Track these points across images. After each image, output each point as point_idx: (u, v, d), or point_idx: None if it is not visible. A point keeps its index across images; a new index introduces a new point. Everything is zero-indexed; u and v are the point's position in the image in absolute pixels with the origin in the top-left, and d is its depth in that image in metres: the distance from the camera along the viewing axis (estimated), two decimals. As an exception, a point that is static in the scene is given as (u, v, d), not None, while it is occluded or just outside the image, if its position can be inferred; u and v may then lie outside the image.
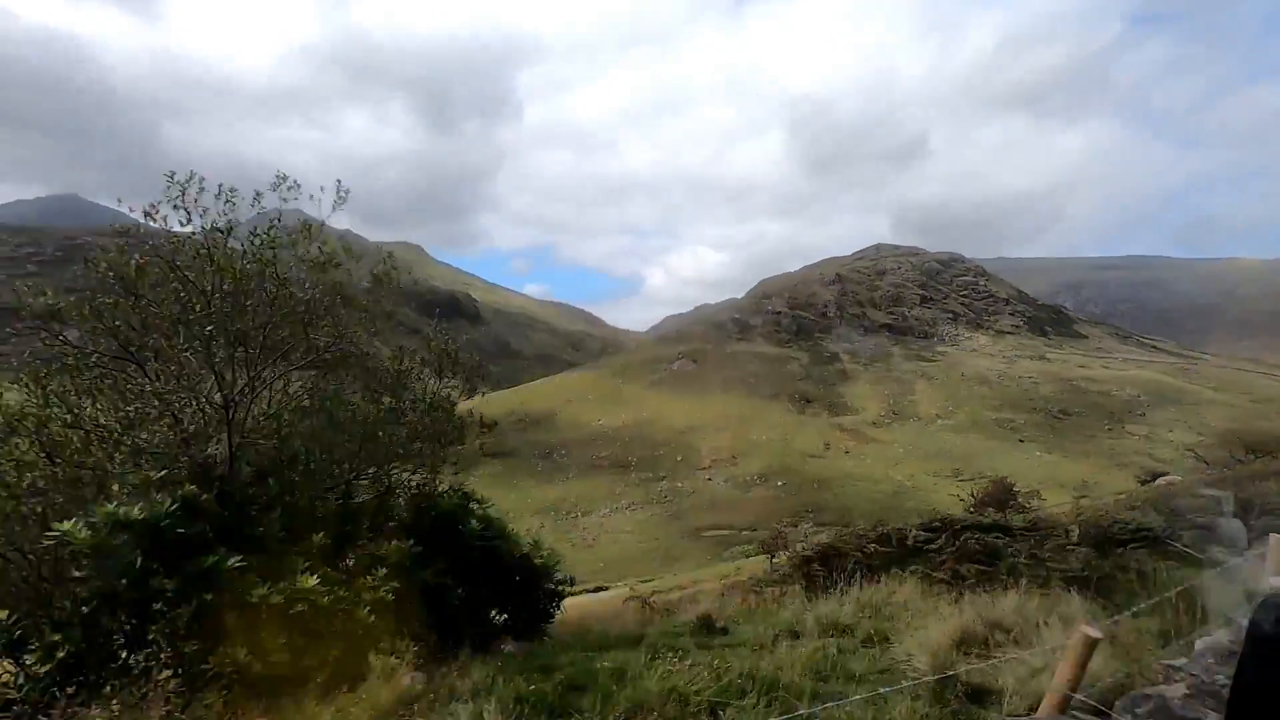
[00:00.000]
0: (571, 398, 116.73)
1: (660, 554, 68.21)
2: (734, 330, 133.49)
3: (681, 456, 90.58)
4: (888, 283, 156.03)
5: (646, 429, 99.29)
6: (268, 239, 8.43)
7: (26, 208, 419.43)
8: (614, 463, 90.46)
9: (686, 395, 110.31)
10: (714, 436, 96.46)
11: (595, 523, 76.13)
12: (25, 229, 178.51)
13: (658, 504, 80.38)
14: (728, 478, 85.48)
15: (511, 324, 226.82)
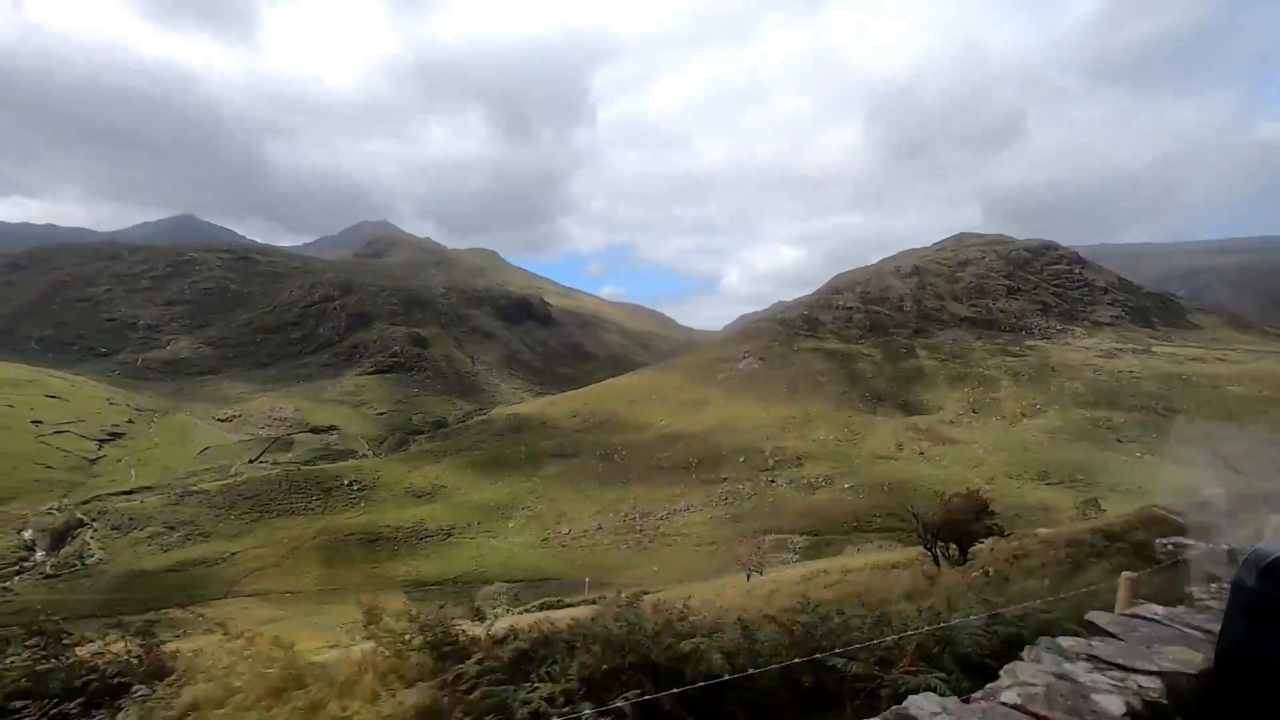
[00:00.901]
0: (636, 399, 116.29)
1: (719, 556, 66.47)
2: (802, 327, 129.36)
3: (744, 458, 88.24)
4: (970, 274, 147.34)
5: (710, 430, 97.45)
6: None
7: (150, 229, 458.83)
8: (676, 464, 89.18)
9: (751, 395, 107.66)
10: (779, 437, 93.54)
11: (653, 525, 75.07)
12: (140, 247, 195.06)
13: (718, 506, 78.52)
14: (791, 480, 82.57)
15: (583, 326, 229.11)
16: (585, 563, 67.85)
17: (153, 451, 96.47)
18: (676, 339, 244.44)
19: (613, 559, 68.09)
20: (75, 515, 72.37)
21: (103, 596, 57.63)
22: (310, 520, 76.58)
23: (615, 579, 61.56)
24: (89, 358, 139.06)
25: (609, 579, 62.15)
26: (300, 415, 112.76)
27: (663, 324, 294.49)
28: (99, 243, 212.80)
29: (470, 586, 63.55)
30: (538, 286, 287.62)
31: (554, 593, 58.62)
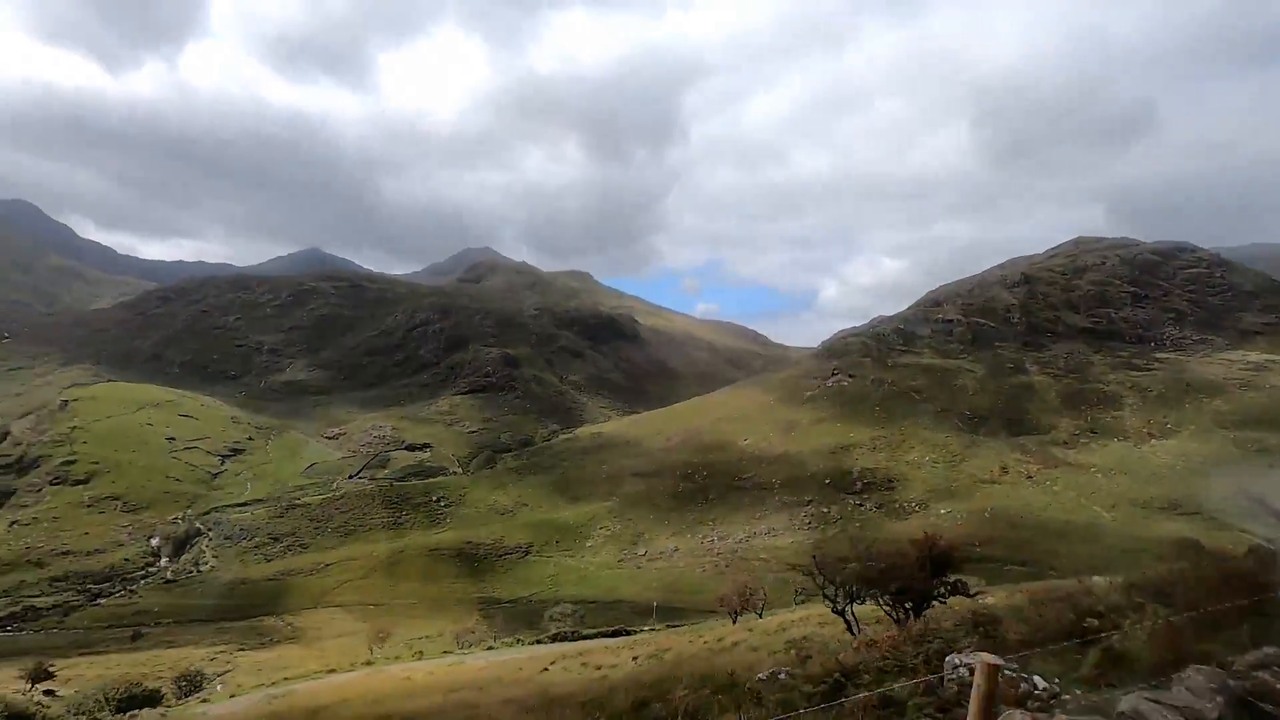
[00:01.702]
0: (720, 417, 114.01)
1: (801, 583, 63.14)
2: (896, 343, 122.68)
3: (830, 480, 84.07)
4: (1089, 281, 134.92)
5: (794, 450, 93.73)
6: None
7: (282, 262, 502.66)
8: (758, 485, 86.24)
9: (840, 414, 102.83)
10: (868, 457, 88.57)
11: (730, 548, 72.61)
12: (268, 279, 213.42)
13: (801, 530, 75.04)
14: (881, 504, 77.72)
15: (671, 344, 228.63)
16: (660, 585, 66.44)
17: (266, 467, 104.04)
18: (768, 356, 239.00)
19: (688, 582, 66.27)
20: (195, 525, 78.88)
21: (210, 603, 62.08)
22: (399, 535, 79.69)
23: (688, 603, 59.78)
24: (221, 380, 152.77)
25: (682, 603, 60.47)
26: (397, 433, 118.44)
27: (754, 341, 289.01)
28: (233, 276, 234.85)
29: (544, 605, 63.66)
30: (628, 306, 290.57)
31: (624, 616, 57.58)
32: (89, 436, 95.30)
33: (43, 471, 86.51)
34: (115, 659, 42.38)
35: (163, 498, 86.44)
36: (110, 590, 65.49)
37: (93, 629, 56.94)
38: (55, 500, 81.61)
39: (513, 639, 37.52)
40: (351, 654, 27.80)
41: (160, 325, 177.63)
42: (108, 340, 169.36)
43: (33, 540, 72.96)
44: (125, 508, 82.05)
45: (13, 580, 65.62)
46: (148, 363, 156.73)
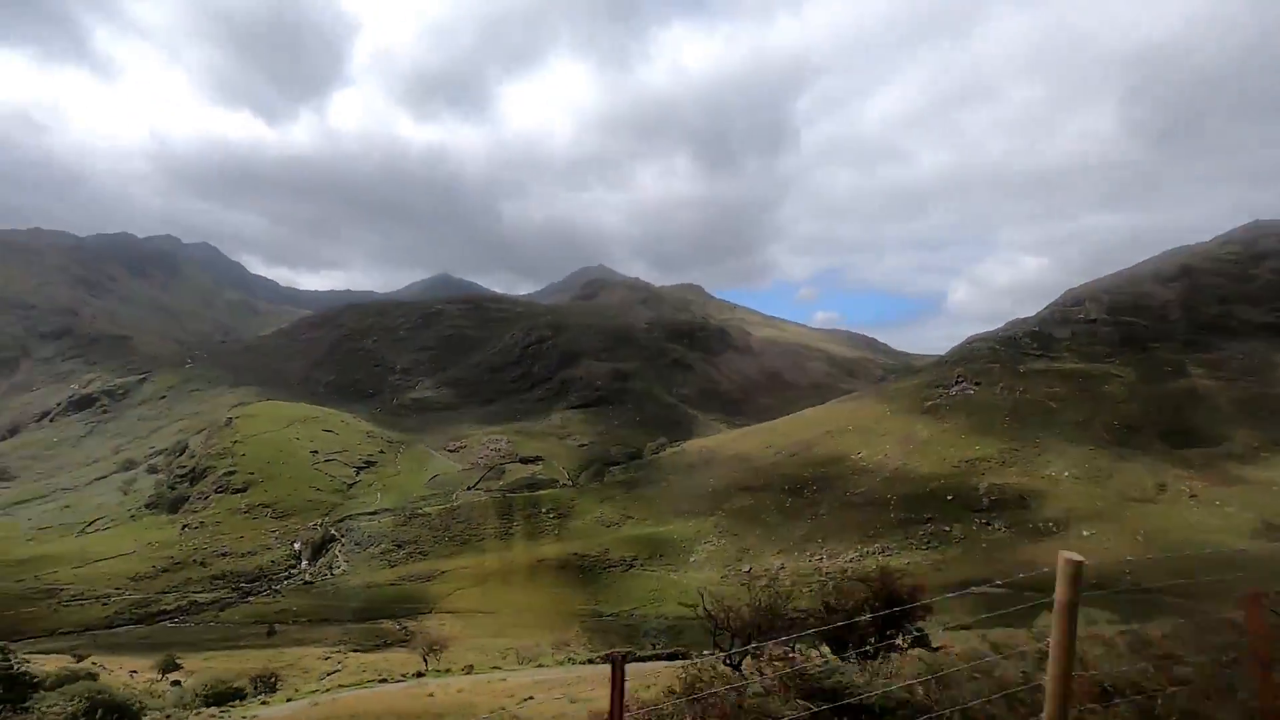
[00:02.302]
0: (833, 429, 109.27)
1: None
2: (1030, 346, 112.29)
3: (953, 496, 77.87)
4: (1269, 270, 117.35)
5: (913, 463, 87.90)
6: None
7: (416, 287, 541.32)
8: (871, 500, 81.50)
9: (964, 424, 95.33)
10: (997, 472, 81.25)
11: (840, 568, 68.81)
12: (401, 304, 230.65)
13: (919, 550, 69.93)
14: (1012, 523, 70.88)
15: (785, 355, 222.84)
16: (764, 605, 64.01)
17: (395, 478, 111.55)
18: (889, 365, 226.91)
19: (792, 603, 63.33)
20: (330, 531, 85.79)
21: (338, 605, 67.03)
22: (509, 545, 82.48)
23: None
24: (360, 398, 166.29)
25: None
26: (512, 446, 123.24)
27: (874, 349, 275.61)
28: (371, 303, 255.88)
29: (645, 620, 63.35)
30: (740, 318, 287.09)
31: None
32: (247, 450, 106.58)
33: (209, 481, 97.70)
34: (248, 654, 46.67)
35: (305, 505, 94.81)
36: (258, 590, 72.48)
37: (242, 624, 63.13)
38: (218, 507, 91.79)
39: (586, 654, 37.35)
40: (408, 664, 28.81)
41: (310, 349, 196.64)
42: (268, 363, 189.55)
43: (199, 542, 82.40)
44: (274, 514, 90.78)
45: (182, 577, 74.28)
46: (300, 383, 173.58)
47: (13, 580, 73.57)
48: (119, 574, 74.28)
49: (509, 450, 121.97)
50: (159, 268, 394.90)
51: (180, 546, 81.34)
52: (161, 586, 71.93)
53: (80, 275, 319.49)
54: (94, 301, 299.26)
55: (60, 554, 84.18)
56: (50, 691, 16.22)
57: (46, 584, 72.41)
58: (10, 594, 69.30)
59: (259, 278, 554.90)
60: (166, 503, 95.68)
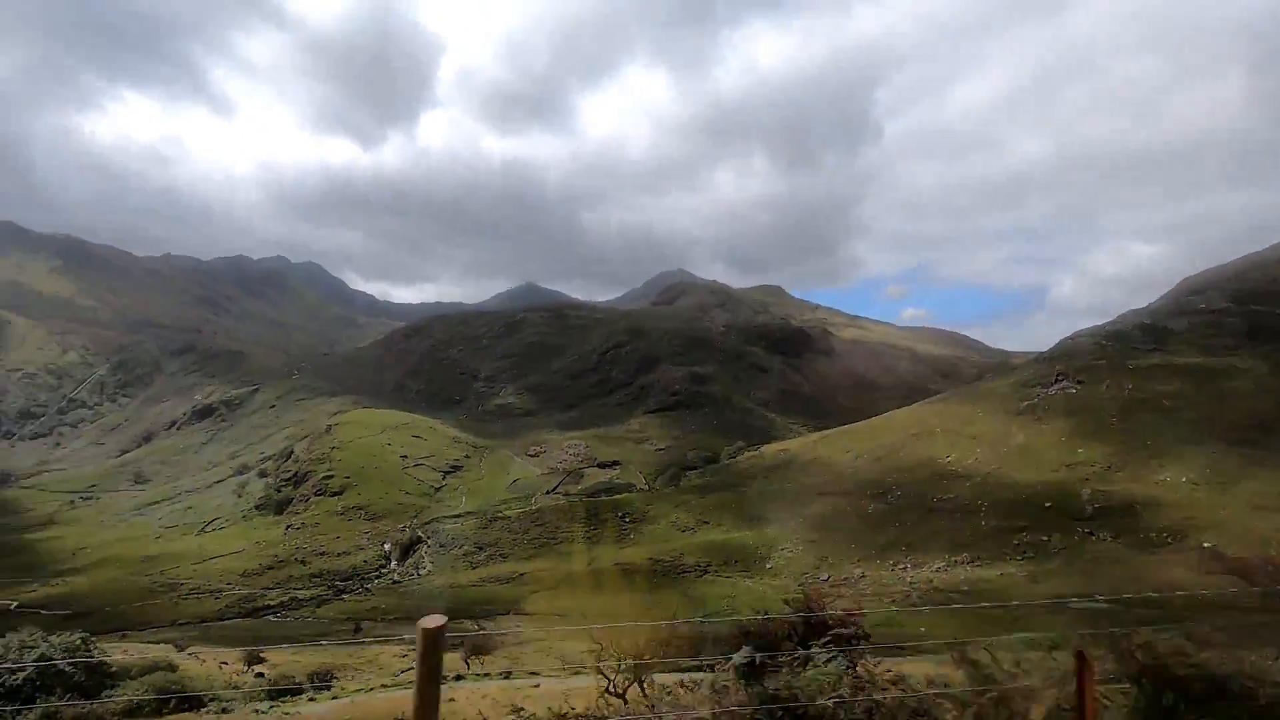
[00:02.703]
0: (918, 432, 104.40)
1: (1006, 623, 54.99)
2: (1141, 340, 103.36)
3: (1051, 503, 72.55)
4: None
5: (1005, 467, 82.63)
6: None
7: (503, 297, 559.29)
8: (959, 507, 77.15)
9: (1065, 425, 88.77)
10: (1103, 477, 75.11)
11: (925, 578, 65.48)
12: (485, 314, 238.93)
13: (1012, 562, 65.53)
14: (1119, 533, 65.25)
15: (869, 355, 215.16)
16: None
17: (479, 482, 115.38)
18: (983, 364, 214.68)
19: (873, 614, 60.79)
20: (417, 533, 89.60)
21: (422, 604, 69.75)
22: (586, 549, 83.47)
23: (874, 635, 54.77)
24: (448, 405, 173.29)
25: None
26: (590, 451, 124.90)
27: (967, 347, 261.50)
28: (458, 313, 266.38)
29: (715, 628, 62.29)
30: (821, 318, 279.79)
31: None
32: (343, 455, 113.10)
33: (309, 484, 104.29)
34: (331, 650, 49.33)
35: (395, 508, 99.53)
36: (351, 588, 76.57)
37: (335, 620, 66.80)
38: (318, 509, 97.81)
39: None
40: (452, 666, 29.55)
41: (402, 359, 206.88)
42: (364, 373, 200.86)
43: (300, 542, 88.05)
44: (366, 516, 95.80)
45: (284, 575, 79.53)
46: (393, 391, 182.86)
47: (141, 575, 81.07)
48: (230, 570, 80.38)
49: (587, 455, 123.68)
50: (270, 286, 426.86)
51: (284, 546, 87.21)
52: (267, 583, 77.27)
53: (203, 295, 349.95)
54: (215, 319, 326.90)
55: (182, 551, 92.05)
56: (132, 680, 17.60)
57: (169, 579, 79.27)
58: (139, 587, 76.35)
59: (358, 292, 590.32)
60: (273, 504, 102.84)
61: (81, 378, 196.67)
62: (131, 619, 65.97)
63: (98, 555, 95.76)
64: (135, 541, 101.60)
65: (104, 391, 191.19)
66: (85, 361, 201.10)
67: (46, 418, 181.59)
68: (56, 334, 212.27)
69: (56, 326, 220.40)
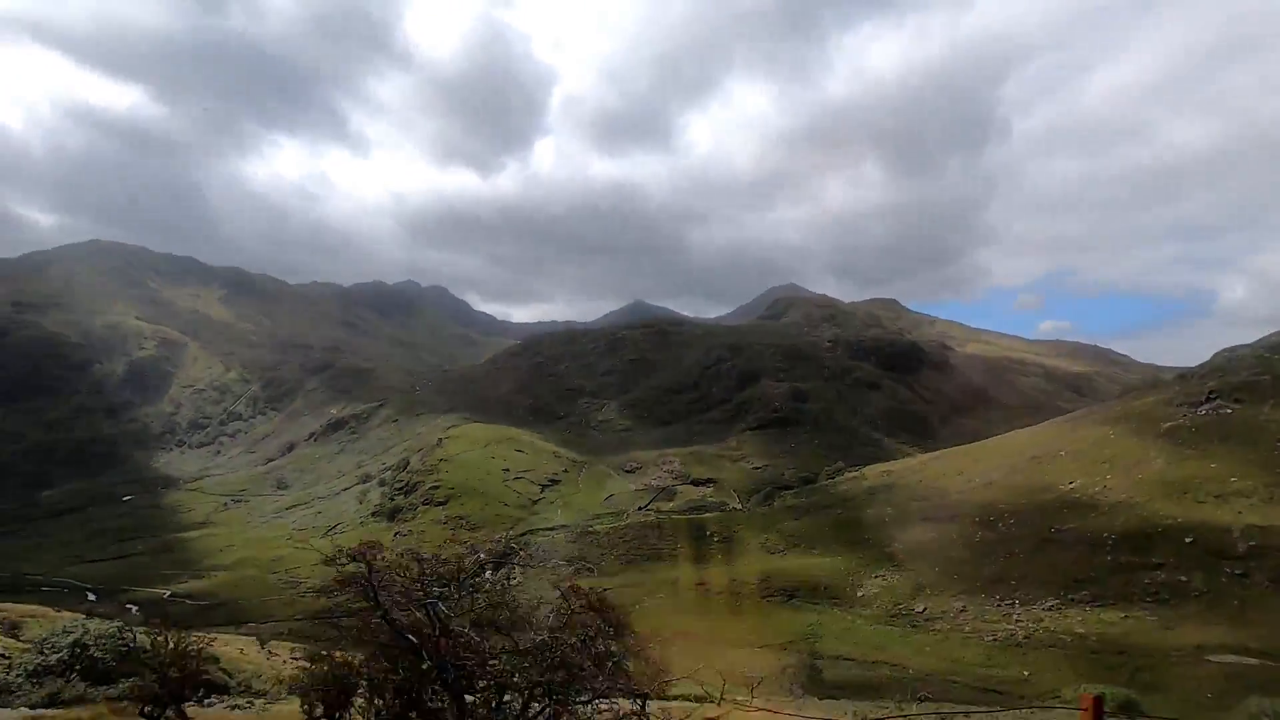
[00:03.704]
0: (1040, 455, 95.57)
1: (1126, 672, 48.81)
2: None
3: (1194, 538, 63.76)
4: None
5: (1141, 497, 73.60)
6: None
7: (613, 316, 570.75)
8: (1081, 539, 69.51)
9: (1216, 450, 77.97)
10: (1260, 510, 65.09)
11: (1034, 617, 59.36)
12: (590, 332, 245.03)
13: (1140, 603, 58.11)
14: (1278, 576, 56.15)
15: (992, 371, 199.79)
16: (935, 651, 57.42)
17: (575, 496, 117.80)
18: (1128, 380, 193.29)
19: (970, 652, 55.96)
20: (511, 545, 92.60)
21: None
22: (671, 567, 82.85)
23: (962, 679, 50.49)
24: (552, 420, 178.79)
25: (958, 676, 51.34)
26: (685, 468, 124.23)
27: (1110, 362, 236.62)
28: (565, 331, 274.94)
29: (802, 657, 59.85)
30: (940, 331, 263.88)
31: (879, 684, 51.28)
32: (450, 467, 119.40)
33: (418, 494, 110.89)
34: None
35: (494, 519, 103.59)
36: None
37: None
38: (424, 517, 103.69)
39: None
40: None
41: (512, 375, 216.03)
42: (478, 389, 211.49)
43: (405, 547, 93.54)
44: (467, 526, 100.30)
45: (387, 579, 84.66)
46: (502, 407, 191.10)
47: (269, 572, 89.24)
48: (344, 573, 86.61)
49: (681, 472, 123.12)
50: (401, 309, 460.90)
51: (391, 549, 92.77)
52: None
53: (342, 319, 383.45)
54: (352, 340, 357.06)
55: (307, 553, 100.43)
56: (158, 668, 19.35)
57: (291, 578, 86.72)
58: (265, 583, 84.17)
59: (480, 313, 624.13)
60: (387, 512, 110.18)
61: (240, 394, 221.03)
62: (254, 613, 72.70)
63: (239, 554, 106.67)
64: (271, 542, 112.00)
65: (256, 406, 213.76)
66: (243, 379, 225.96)
67: (210, 428, 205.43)
68: (221, 355, 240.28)
69: (221, 348, 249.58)
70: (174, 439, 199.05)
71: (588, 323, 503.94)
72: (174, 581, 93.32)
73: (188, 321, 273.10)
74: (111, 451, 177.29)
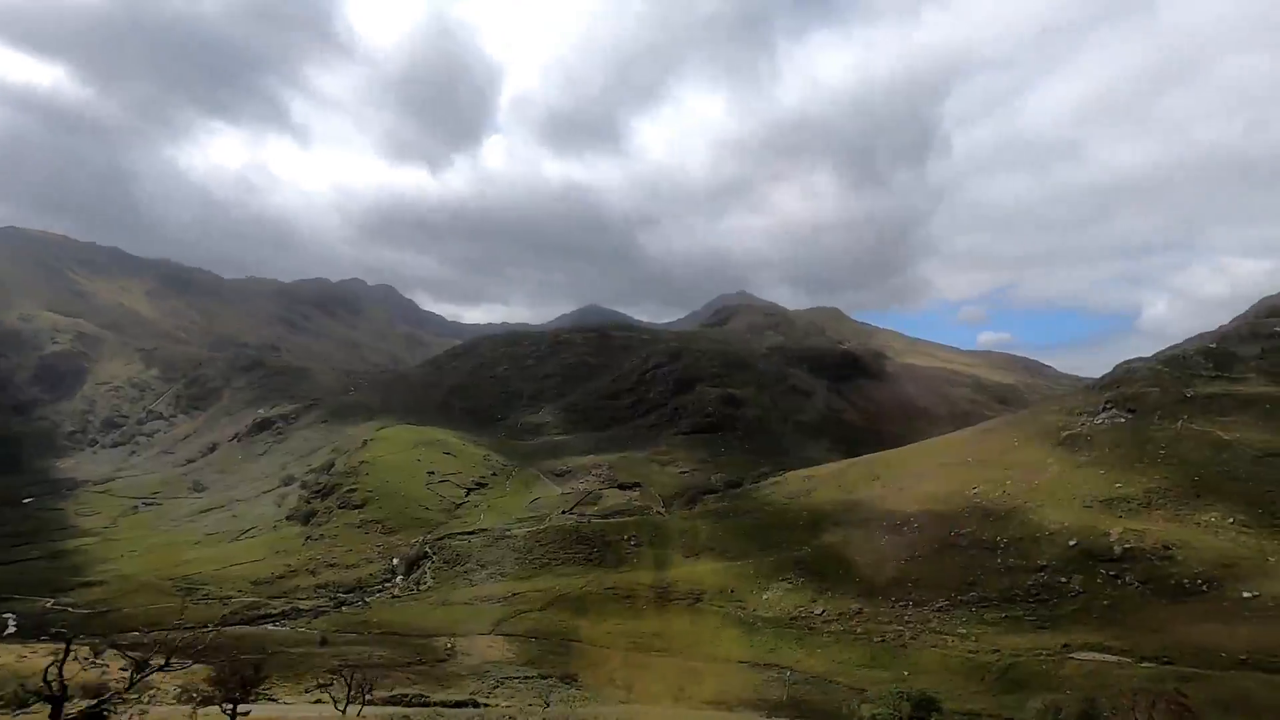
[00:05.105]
0: (950, 461, 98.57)
1: (993, 676, 50.44)
2: (1204, 366, 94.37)
3: (1077, 541, 66.51)
4: None
5: (1034, 503, 76.49)
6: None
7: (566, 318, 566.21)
8: (975, 543, 71.82)
9: (1106, 458, 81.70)
10: (1139, 515, 68.40)
11: (922, 619, 60.97)
12: (531, 334, 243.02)
13: (1021, 603, 60.23)
14: (1149, 578, 59.03)
15: (924, 381, 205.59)
16: (825, 653, 58.41)
17: (500, 500, 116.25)
18: (1049, 390, 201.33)
19: (855, 654, 57.13)
20: (426, 549, 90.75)
21: (414, 620, 70.33)
22: (584, 572, 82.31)
23: (843, 680, 51.40)
24: (488, 424, 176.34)
25: (839, 677, 52.25)
26: (613, 473, 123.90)
27: (1035, 374, 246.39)
28: (507, 333, 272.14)
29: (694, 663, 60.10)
30: (881, 342, 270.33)
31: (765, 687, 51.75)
32: (372, 470, 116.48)
33: (334, 497, 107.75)
34: (277, 662, 50.31)
35: (412, 523, 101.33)
36: (352, 600, 78.12)
37: (329, 630, 68.13)
38: (338, 521, 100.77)
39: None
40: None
41: (451, 377, 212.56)
42: (414, 391, 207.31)
43: (314, 553, 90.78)
44: (383, 530, 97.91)
45: (293, 584, 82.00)
46: (438, 409, 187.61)
47: (167, 578, 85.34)
48: (245, 578, 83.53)
49: (610, 476, 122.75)
50: (345, 307, 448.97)
51: (299, 556, 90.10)
52: (274, 592, 79.84)
53: (282, 315, 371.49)
54: (290, 339, 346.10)
55: (212, 557, 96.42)
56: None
57: (191, 583, 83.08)
58: (160, 589, 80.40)
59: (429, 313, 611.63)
60: (301, 515, 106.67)
61: (160, 392, 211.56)
62: (140, 620, 69.33)
63: (141, 560, 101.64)
64: (177, 546, 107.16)
65: (178, 405, 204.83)
66: (165, 377, 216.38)
67: (127, 428, 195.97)
68: (142, 351, 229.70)
69: (146, 344, 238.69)
70: (86, 439, 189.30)
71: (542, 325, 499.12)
72: (63, 589, 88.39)
73: (109, 315, 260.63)
74: (15, 452, 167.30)
